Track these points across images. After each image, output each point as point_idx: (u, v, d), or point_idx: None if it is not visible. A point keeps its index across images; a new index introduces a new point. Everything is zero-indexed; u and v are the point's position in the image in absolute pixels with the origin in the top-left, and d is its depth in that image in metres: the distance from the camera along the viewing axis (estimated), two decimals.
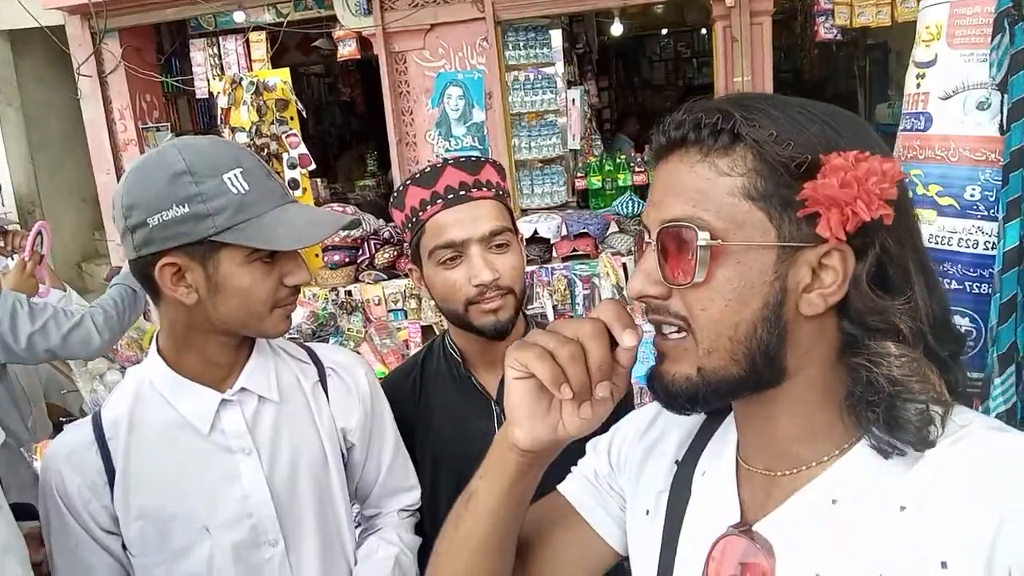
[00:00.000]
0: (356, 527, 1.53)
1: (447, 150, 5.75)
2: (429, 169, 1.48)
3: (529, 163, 5.94)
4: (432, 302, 1.72)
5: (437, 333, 2.69)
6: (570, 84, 6.30)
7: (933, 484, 0.71)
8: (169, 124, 6.54)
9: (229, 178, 1.19)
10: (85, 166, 6.43)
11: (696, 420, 0.94)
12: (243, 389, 1.31)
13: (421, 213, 1.46)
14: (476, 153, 5.72)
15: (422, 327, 4.65)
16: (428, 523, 1.57)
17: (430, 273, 1.47)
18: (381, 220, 4.92)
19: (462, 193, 1.44)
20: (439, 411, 1.57)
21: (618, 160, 5.94)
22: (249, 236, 1.18)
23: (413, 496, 1.55)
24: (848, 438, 0.78)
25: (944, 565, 0.68)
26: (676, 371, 0.77)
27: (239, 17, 6.06)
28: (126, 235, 1.20)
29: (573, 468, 1.05)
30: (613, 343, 0.77)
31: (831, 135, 0.74)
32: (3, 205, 6.58)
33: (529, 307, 4.71)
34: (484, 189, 1.46)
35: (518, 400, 0.79)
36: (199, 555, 1.27)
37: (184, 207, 1.16)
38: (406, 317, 4.68)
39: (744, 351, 0.74)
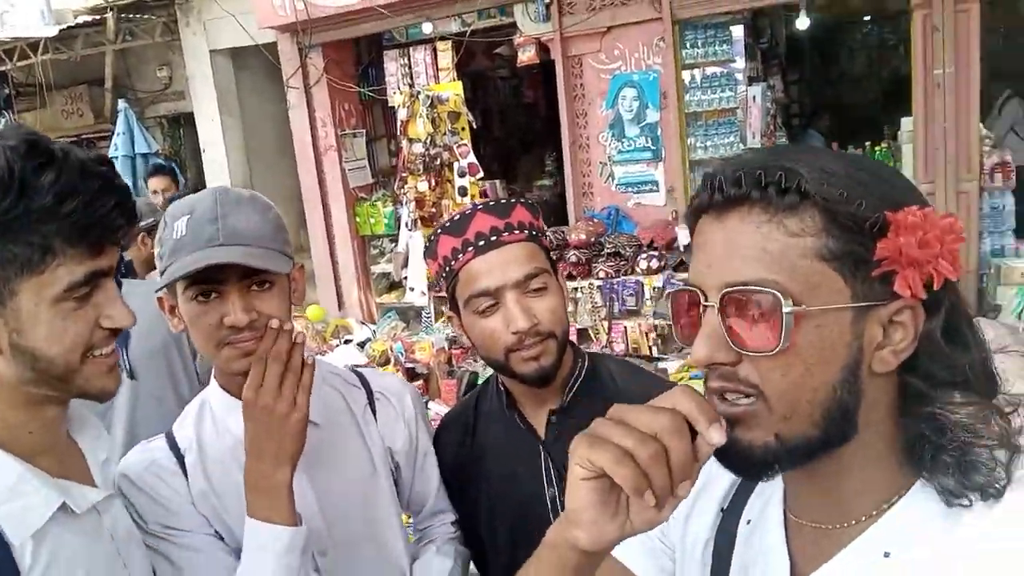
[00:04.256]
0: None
1: (619, 151, 5.76)
2: (459, 216, 1.46)
3: (706, 162, 5.80)
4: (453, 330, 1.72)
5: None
6: (752, 80, 6.07)
7: (985, 539, 0.70)
8: (364, 130, 7.05)
9: (177, 224, 1.28)
10: (293, 169, 7.07)
11: None
12: None
13: (453, 262, 1.43)
14: (647, 153, 5.68)
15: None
16: (491, 559, 1.60)
17: (468, 322, 1.44)
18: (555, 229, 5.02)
19: (493, 239, 1.40)
20: (490, 451, 1.56)
21: None
22: (170, 272, 1.27)
23: (453, 516, 1.62)
24: (899, 489, 0.77)
25: None
26: (752, 438, 0.74)
27: (427, 28, 6.40)
28: None
29: None
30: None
31: (888, 191, 0.73)
32: None
33: None
34: (516, 232, 1.42)
35: (585, 503, 0.73)
36: None
37: (159, 247, 1.32)
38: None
39: (823, 413, 0.73)
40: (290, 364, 1.23)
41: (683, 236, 4.99)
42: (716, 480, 0.95)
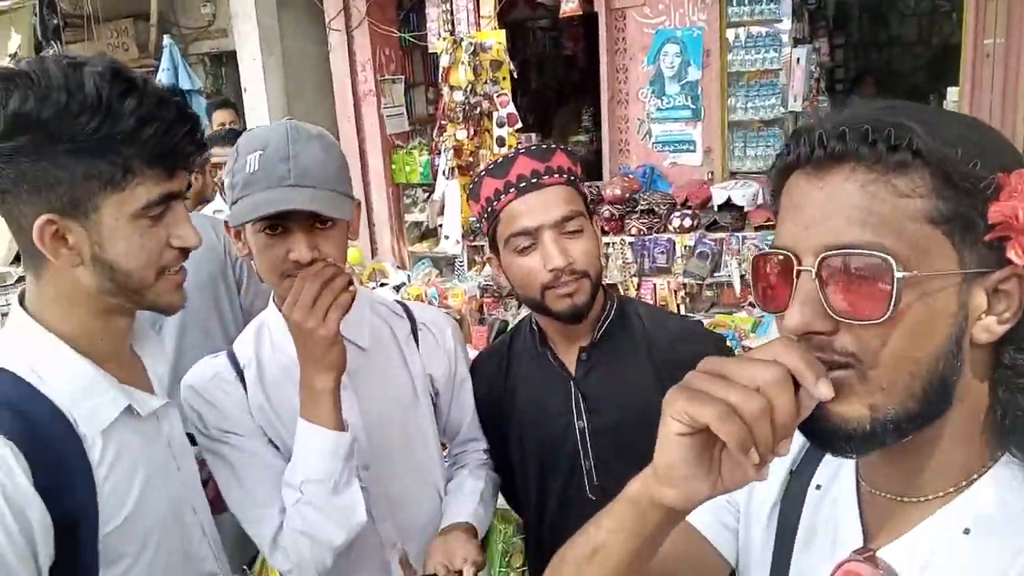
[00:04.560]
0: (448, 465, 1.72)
1: (658, 109, 5.73)
2: (502, 159, 1.54)
3: (745, 124, 5.76)
4: (485, 277, 1.78)
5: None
6: (797, 42, 5.97)
7: None
8: (404, 77, 7.04)
9: (250, 158, 1.35)
10: (332, 113, 7.11)
11: None
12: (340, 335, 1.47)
13: (496, 203, 1.51)
14: (687, 112, 5.65)
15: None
16: (522, 492, 1.69)
17: (507, 261, 1.52)
18: (589, 184, 5.05)
19: (534, 181, 1.47)
20: (522, 386, 1.66)
21: None
22: (236, 210, 1.36)
23: (485, 444, 1.73)
24: (980, 466, 0.75)
25: None
26: (847, 411, 0.70)
27: None
28: None
29: None
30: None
31: (1000, 153, 0.70)
32: None
33: (716, 274, 4.65)
34: (556, 175, 1.49)
35: (679, 460, 0.69)
36: None
37: (229, 177, 1.38)
38: None
39: (923, 386, 0.69)
40: (330, 285, 1.31)
41: (718, 195, 4.99)
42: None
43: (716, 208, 5.04)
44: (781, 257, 0.73)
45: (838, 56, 8.93)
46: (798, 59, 5.63)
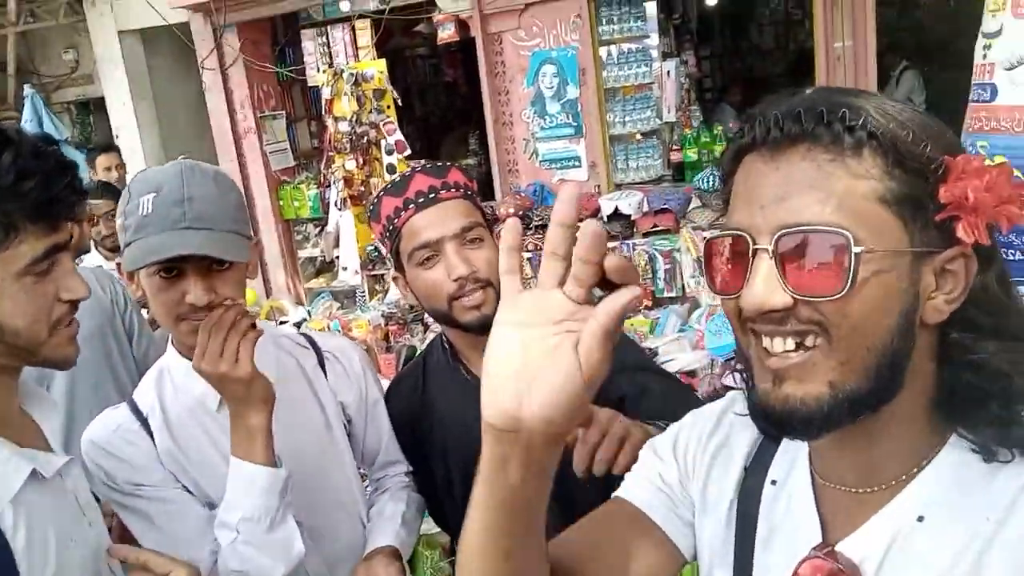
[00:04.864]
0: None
1: (542, 128, 5.87)
2: (399, 178, 1.58)
3: (625, 137, 5.98)
4: (389, 306, 1.79)
5: None
6: (666, 56, 6.26)
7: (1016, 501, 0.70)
8: (284, 111, 6.95)
9: (142, 200, 1.32)
10: (211, 154, 6.93)
11: None
12: None
13: (396, 220, 1.53)
14: (569, 129, 5.82)
15: None
16: (450, 511, 1.69)
17: (412, 276, 1.54)
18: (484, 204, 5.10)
19: (432, 196, 1.51)
20: (439, 402, 1.67)
21: (715, 131, 5.90)
22: (128, 254, 1.32)
23: (406, 467, 1.73)
24: (931, 450, 0.76)
25: None
26: (803, 392, 0.70)
27: (345, 6, 6.34)
28: None
29: (628, 474, 1.01)
30: None
31: (945, 136, 0.72)
32: None
33: None
34: (453, 190, 1.53)
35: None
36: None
37: (121, 219, 1.36)
38: None
39: (876, 364, 0.70)
40: (235, 327, 1.30)
41: (606, 207, 5.15)
42: (737, 436, 0.93)
43: (606, 219, 5.20)
44: (735, 238, 0.72)
45: (705, 67, 9.41)
46: (668, 72, 5.89)
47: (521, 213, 5.45)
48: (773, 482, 0.86)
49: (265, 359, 1.49)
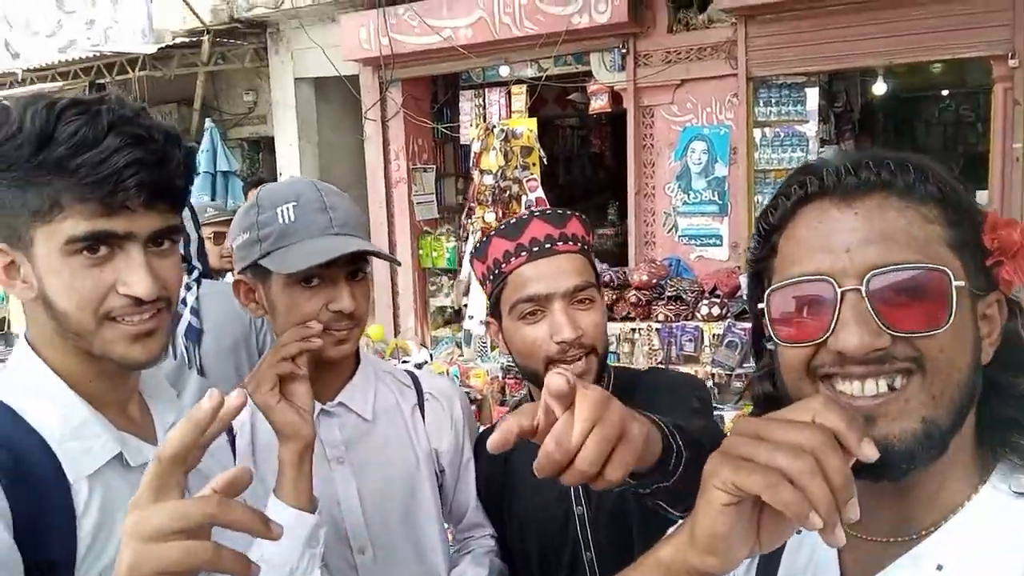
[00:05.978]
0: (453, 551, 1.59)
1: (685, 203, 5.79)
2: (515, 221, 1.45)
3: None
4: (508, 358, 1.62)
5: None
6: (824, 142, 6.07)
7: None
8: (435, 166, 7.23)
9: (281, 210, 1.31)
10: (364, 197, 7.27)
11: None
12: (341, 404, 1.41)
13: (504, 265, 1.42)
14: (713, 207, 5.70)
15: None
16: None
17: (509, 327, 1.43)
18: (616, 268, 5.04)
19: (547, 246, 1.40)
20: (521, 468, 1.50)
21: None
22: (278, 260, 1.28)
23: (491, 531, 1.60)
24: (964, 498, 0.76)
25: None
26: (899, 429, 0.70)
27: (504, 71, 6.59)
28: None
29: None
30: None
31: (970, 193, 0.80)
32: None
33: (745, 364, 4.56)
34: (570, 243, 1.41)
35: (724, 530, 0.65)
36: None
37: (253, 231, 1.33)
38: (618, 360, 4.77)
39: (960, 399, 0.72)
40: (281, 351, 1.27)
41: (746, 285, 4.97)
42: None
43: (744, 297, 4.99)
44: (816, 283, 0.73)
45: None
46: None
47: (655, 281, 5.34)
48: (798, 531, 0.81)
49: (364, 391, 1.46)
